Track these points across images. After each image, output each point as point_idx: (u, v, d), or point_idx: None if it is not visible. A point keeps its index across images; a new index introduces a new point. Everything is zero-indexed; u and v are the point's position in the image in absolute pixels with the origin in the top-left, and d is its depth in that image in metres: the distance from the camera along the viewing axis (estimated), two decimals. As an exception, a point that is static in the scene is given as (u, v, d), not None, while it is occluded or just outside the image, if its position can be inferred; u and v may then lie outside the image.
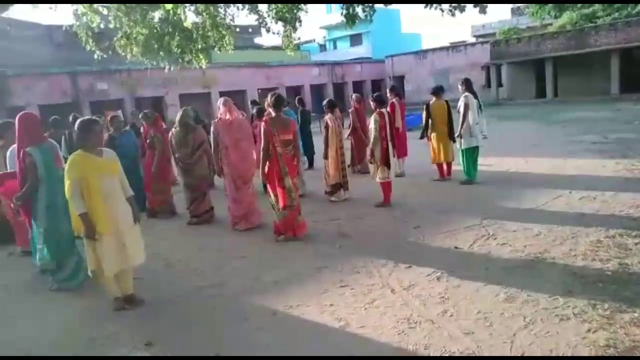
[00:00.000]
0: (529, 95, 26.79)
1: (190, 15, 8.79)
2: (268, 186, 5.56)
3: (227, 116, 6.09)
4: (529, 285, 3.65)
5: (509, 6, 41.13)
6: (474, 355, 2.81)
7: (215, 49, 10.12)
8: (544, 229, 4.95)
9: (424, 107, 8.03)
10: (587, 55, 23.52)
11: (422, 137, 8.12)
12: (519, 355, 2.76)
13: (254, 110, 7.58)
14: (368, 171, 8.74)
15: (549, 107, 21.29)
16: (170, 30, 8.56)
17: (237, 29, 11.81)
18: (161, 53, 8.76)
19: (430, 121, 7.83)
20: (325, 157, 7.21)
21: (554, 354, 2.73)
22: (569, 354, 2.71)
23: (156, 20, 8.58)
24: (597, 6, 26.42)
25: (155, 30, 8.47)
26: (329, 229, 5.77)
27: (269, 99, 5.55)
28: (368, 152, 6.61)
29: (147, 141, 7.18)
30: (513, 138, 12.34)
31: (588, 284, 3.57)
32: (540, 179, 7.38)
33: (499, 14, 72.66)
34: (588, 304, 3.26)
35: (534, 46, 25.25)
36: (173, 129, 6.55)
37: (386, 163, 6.42)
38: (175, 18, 8.10)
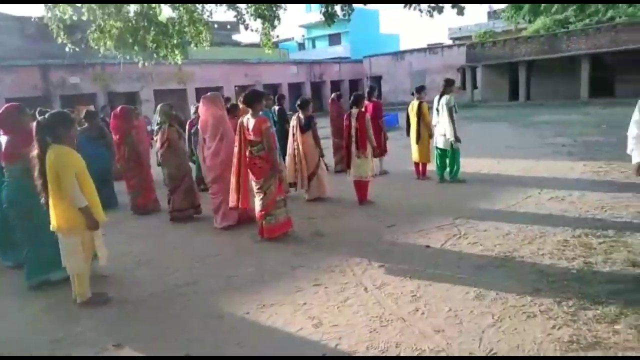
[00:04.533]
0: (503, 98, 27.37)
1: (166, 10, 8.66)
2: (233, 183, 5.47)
3: (203, 112, 6.05)
4: (498, 284, 3.73)
5: (485, 9, 41.97)
6: (444, 352, 2.86)
7: (192, 44, 9.99)
8: (513, 229, 5.07)
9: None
10: (559, 59, 24.17)
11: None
12: (487, 351, 2.82)
13: (228, 106, 7.48)
14: (344, 170, 8.81)
15: (522, 110, 21.79)
16: (146, 24, 8.41)
17: (215, 26, 11.70)
18: (135, 47, 8.61)
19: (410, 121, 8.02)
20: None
21: (520, 350, 2.80)
22: (535, 351, 2.79)
23: (131, 14, 8.42)
24: (569, 12, 27.16)
25: (130, 24, 8.32)
26: (305, 228, 5.77)
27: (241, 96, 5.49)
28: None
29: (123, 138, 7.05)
30: (487, 139, 12.58)
31: (554, 282, 3.68)
32: (512, 180, 7.55)
33: (475, 17, 73.73)
34: (554, 301, 3.35)
35: (509, 50, 25.81)
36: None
37: (347, 164, 6.53)
38: (150, 12, 7.98)
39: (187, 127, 8.19)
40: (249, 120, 5.18)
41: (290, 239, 5.38)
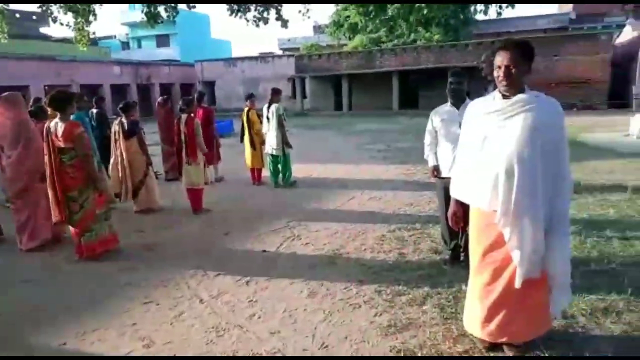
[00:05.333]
0: (330, 108, 29.55)
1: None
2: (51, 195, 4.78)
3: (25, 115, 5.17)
4: (328, 280, 4.00)
5: (312, 23, 44.68)
6: (280, 354, 2.93)
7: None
8: (340, 228, 5.50)
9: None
10: (374, 74, 27.10)
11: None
12: (320, 345, 2.99)
13: (32, 109, 6.49)
14: (176, 178, 8.43)
15: (345, 119, 23.82)
16: None
17: (17, 15, 10.05)
18: None
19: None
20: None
21: (348, 340, 3.03)
22: (361, 338, 3.05)
23: None
24: (381, 32, 30.64)
25: None
26: (134, 242, 5.34)
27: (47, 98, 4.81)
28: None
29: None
30: (315, 146, 13.41)
31: (375, 273, 4.09)
32: (337, 183, 8.19)
33: (302, 30, 78.26)
34: (375, 291, 3.73)
35: (333, 63, 27.97)
36: None
37: (180, 171, 6.34)
38: None
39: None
40: (57, 124, 4.57)
41: (116, 256, 4.90)
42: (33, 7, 28.43)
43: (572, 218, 5.16)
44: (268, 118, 7.75)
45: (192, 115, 6.37)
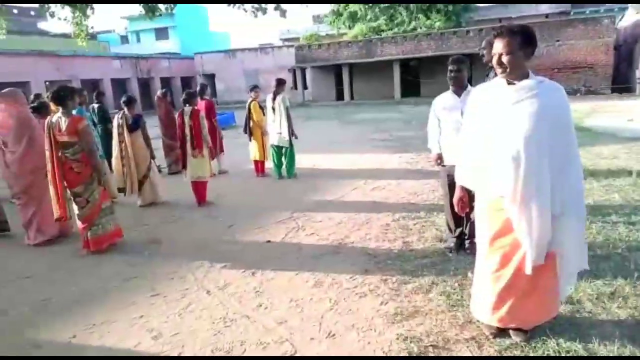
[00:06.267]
0: (331, 98, 29.42)
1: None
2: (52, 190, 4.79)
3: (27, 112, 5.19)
4: (333, 269, 4.01)
5: (311, 13, 44.28)
6: (287, 342, 2.95)
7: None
8: (344, 218, 5.50)
9: None
10: (375, 63, 26.93)
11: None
12: (327, 334, 3.01)
13: (35, 105, 6.48)
14: (179, 171, 8.44)
15: (347, 109, 23.73)
16: None
17: (15, 11, 10.00)
18: None
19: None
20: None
21: (354, 328, 3.05)
22: (367, 327, 3.06)
23: None
24: (381, 20, 30.41)
25: None
26: (139, 236, 5.36)
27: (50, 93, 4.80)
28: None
29: None
30: (318, 137, 13.37)
31: (380, 262, 4.10)
32: (340, 173, 8.18)
33: (302, 19, 77.66)
34: (380, 279, 3.74)
35: (333, 52, 27.78)
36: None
37: (183, 164, 6.33)
38: None
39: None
40: (60, 119, 4.57)
41: (122, 250, 4.93)
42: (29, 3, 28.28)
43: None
44: (273, 109, 7.69)
45: (196, 107, 6.36)
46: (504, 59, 2.38)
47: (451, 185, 3.28)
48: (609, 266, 3.58)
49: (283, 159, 7.91)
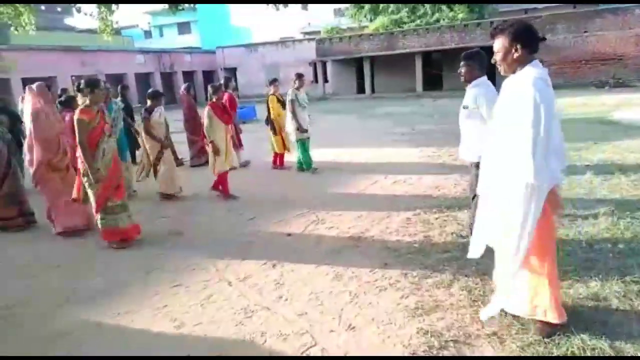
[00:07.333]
0: (351, 91, 29.26)
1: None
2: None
3: (38, 105, 5.34)
4: (353, 263, 4.01)
5: (332, 6, 44.07)
6: (307, 334, 2.97)
7: (12, 28, 8.62)
8: (364, 211, 5.48)
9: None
10: (396, 56, 26.63)
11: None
12: (347, 327, 3.01)
13: (62, 99, 6.63)
14: (201, 164, 8.53)
15: (368, 102, 23.59)
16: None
17: (42, 7, 10.25)
18: None
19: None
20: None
21: (374, 322, 3.04)
22: (387, 320, 3.06)
23: None
24: (403, 12, 30.04)
25: None
26: (158, 228, 5.45)
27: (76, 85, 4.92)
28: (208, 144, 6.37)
29: None
30: (338, 130, 13.34)
31: (400, 256, 4.08)
32: (361, 167, 8.14)
33: (322, 13, 77.09)
34: (401, 273, 3.72)
35: (354, 45, 27.58)
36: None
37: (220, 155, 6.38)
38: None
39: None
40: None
41: (144, 241, 5.01)
42: (58, -1, 28.88)
43: (604, 198, 5.04)
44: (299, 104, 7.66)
45: (219, 100, 6.41)
46: (496, 56, 2.58)
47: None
48: (636, 263, 3.48)
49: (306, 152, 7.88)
